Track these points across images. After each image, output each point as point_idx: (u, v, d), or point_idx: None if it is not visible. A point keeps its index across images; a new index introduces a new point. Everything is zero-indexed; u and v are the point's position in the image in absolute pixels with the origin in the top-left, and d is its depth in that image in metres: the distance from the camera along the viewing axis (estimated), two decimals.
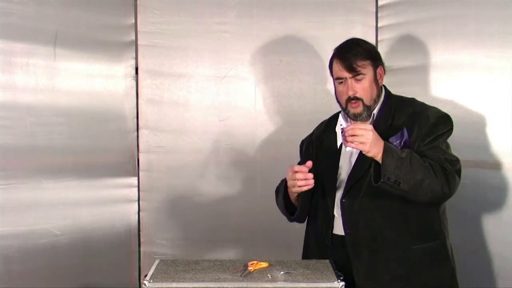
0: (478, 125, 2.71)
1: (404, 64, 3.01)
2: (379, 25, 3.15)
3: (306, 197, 2.35)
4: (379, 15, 3.15)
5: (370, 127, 2.12)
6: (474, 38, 2.76)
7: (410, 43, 3.00)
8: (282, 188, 2.38)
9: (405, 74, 3.00)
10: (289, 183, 2.26)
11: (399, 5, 3.08)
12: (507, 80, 2.63)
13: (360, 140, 2.09)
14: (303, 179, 2.19)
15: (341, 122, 2.36)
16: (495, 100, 2.69)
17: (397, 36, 3.07)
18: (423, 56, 2.95)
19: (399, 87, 2.49)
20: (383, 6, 3.14)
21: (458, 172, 2.20)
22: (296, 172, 2.20)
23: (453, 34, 2.84)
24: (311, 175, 2.19)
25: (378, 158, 2.10)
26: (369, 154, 2.11)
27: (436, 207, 2.26)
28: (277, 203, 2.47)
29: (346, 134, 2.13)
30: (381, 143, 2.11)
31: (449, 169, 2.15)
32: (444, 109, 2.33)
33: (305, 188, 2.22)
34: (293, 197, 2.36)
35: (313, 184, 2.20)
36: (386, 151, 2.10)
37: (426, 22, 2.96)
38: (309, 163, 2.21)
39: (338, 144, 2.35)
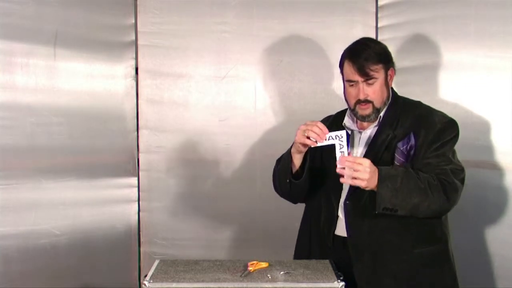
0: (478, 125, 2.71)
1: (404, 64, 3.01)
2: (379, 25, 3.15)
3: (309, 173, 2.31)
4: (379, 15, 3.15)
5: (368, 163, 2.07)
6: (474, 38, 2.76)
7: (410, 43, 3.00)
8: (287, 154, 2.32)
9: (405, 74, 2.99)
10: (299, 137, 2.18)
11: (399, 5, 3.08)
12: (508, 80, 2.63)
13: (357, 176, 2.07)
14: (317, 133, 2.14)
15: (346, 121, 2.34)
16: (495, 100, 2.69)
17: (397, 36, 3.06)
18: (423, 56, 2.96)
19: (399, 87, 2.49)
20: (383, 6, 3.13)
21: (462, 181, 2.19)
22: (317, 126, 2.15)
23: (453, 34, 2.84)
24: (325, 134, 2.14)
25: (374, 188, 2.10)
26: (366, 189, 2.11)
27: None
28: (276, 172, 2.41)
29: (340, 165, 2.10)
30: (376, 173, 2.08)
31: (450, 182, 2.14)
32: (444, 109, 2.33)
33: (309, 142, 2.16)
34: (297, 162, 2.29)
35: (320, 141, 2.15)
36: (381, 181, 2.08)
37: (426, 22, 2.96)
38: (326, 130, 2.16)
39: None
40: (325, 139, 2.15)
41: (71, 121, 2.98)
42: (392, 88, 2.35)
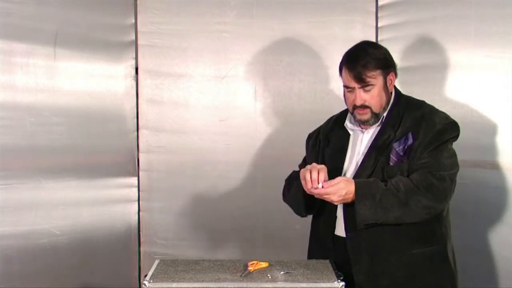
0: (478, 125, 2.71)
1: (404, 64, 3.01)
2: (379, 25, 3.15)
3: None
4: (379, 15, 3.15)
5: (339, 185, 2.09)
6: (474, 38, 2.76)
7: (410, 43, 3.00)
8: (296, 181, 2.29)
9: (405, 74, 2.98)
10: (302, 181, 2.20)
11: (399, 5, 3.08)
12: (508, 80, 2.63)
13: (329, 200, 2.12)
14: (309, 188, 2.15)
15: (348, 122, 2.33)
16: (495, 100, 2.69)
17: (397, 36, 3.07)
18: (423, 56, 2.96)
19: (399, 87, 2.48)
20: (383, 6, 3.14)
21: (451, 178, 2.17)
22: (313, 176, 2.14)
23: (453, 34, 2.84)
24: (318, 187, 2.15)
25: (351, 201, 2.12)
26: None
27: None
28: (286, 195, 2.41)
29: (313, 191, 2.12)
30: (352, 190, 2.10)
31: (438, 186, 2.13)
32: (444, 109, 2.32)
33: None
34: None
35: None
36: (358, 200, 2.09)
37: (426, 22, 2.96)
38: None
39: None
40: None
41: (71, 121, 2.98)
42: (395, 87, 2.33)
